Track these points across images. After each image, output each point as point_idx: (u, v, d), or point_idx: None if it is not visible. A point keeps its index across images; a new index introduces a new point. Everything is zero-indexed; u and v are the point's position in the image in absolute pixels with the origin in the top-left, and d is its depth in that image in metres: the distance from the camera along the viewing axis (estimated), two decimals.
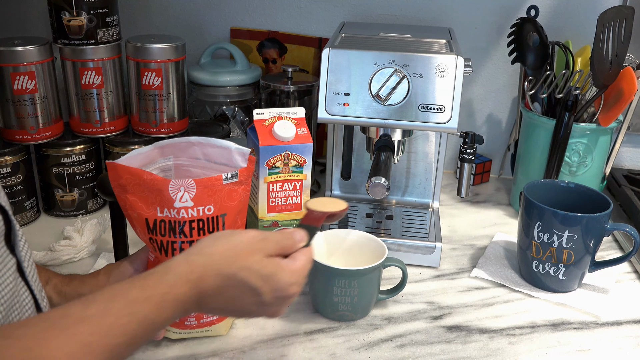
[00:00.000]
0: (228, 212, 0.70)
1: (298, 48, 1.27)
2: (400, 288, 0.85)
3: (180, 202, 0.67)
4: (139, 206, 0.68)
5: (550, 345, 0.79)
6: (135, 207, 0.68)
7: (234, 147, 0.74)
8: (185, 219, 0.68)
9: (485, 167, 1.27)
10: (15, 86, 0.97)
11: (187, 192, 0.67)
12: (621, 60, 1.00)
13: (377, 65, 0.88)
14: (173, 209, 0.67)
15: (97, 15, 1.00)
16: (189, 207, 0.68)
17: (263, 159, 0.86)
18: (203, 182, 0.68)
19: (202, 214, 0.68)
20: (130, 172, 0.67)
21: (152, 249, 0.72)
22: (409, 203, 1.09)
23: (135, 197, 0.68)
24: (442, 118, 0.89)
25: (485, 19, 1.21)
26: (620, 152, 1.27)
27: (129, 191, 0.68)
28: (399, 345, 0.78)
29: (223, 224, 0.70)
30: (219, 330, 0.77)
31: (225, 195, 0.70)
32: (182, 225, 0.68)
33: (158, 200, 0.67)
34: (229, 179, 0.69)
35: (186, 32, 1.26)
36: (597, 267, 0.90)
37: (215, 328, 0.77)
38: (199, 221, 0.69)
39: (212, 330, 0.77)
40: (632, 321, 0.85)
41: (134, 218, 0.70)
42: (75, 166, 1.05)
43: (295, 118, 0.89)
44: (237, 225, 0.73)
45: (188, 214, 0.68)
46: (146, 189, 0.67)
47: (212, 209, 0.69)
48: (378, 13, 1.23)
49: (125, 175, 0.67)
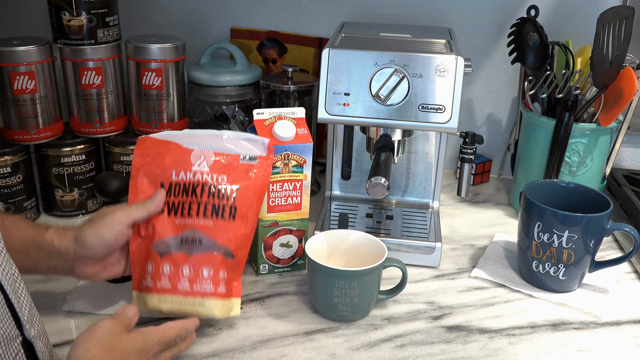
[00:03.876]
0: (242, 188, 0.77)
1: (298, 48, 1.27)
2: (400, 288, 0.85)
3: (197, 167, 0.77)
4: (154, 172, 0.77)
5: (550, 345, 0.79)
6: (151, 172, 0.77)
7: (255, 137, 0.81)
8: (200, 182, 0.76)
9: (485, 167, 1.27)
10: (15, 86, 0.97)
11: (206, 160, 0.77)
12: (621, 60, 1.00)
13: (377, 65, 0.88)
14: (190, 172, 0.76)
15: (97, 15, 1.00)
16: (204, 172, 0.76)
17: None
18: (222, 156, 0.78)
19: (216, 180, 0.76)
20: (158, 143, 0.78)
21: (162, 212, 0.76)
22: (409, 203, 1.09)
23: (151, 168, 0.77)
24: (442, 118, 0.89)
25: (485, 19, 1.21)
26: (620, 152, 1.27)
27: (147, 163, 0.77)
28: (399, 346, 0.78)
29: (234, 197, 0.76)
30: (212, 308, 0.75)
31: (241, 172, 0.77)
32: (196, 186, 0.76)
33: (177, 166, 0.77)
34: (246, 160, 0.78)
35: (186, 32, 1.27)
36: (597, 267, 0.90)
37: (209, 303, 0.75)
38: (211, 186, 0.76)
39: (205, 307, 0.75)
40: (632, 321, 0.85)
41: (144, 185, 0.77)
42: (75, 166, 1.05)
43: (295, 118, 0.89)
44: (251, 210, 0.77)
45: (202, 178, 0.76)
46: (168, 156, 0.77)
47: (225, 178, 0.76)
48: (378, 13, 1.23)
49: (153, 147, 0.78)
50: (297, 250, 0.92)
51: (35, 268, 0.74)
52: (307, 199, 0.90)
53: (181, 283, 0.74)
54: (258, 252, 0.91)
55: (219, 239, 0.75)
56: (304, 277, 0.92)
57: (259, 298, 0.87)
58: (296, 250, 0.92)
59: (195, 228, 0.75)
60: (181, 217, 0.75)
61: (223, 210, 0.75)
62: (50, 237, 0.73)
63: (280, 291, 0.89)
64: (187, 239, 0.75)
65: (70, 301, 0.83)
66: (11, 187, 1.01)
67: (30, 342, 0.58)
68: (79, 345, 0.60)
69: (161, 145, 0.78)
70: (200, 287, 0.74)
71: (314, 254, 0.81)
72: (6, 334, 0.54)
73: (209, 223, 0.75)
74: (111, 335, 0.62)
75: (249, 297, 0.87)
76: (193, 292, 0.74)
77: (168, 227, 0.75)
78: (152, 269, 0.74)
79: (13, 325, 0.56)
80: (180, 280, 0.74)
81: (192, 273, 0.74)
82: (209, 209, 0.75)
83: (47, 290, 0.86)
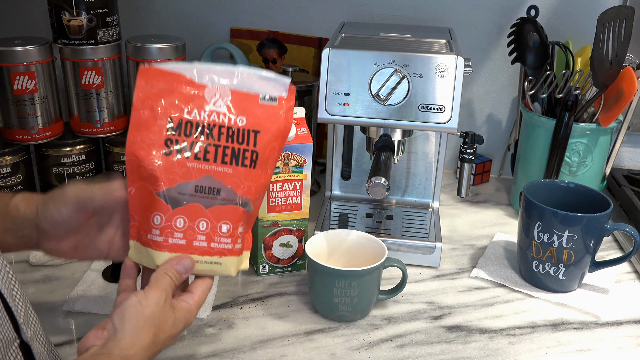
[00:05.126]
0: (263, 130, 0.68)
1: (298, 48, 1.27)
2: (400, 288, 0.85)
3: (213, 106, 0.67)
4: (163, 106, 0.66)
5: (550, 345, 0.79)
6: (157, 105, 0.66)
7: (274, 76, 0.70)
8: (216, 122, 0.67)
9: (485, 167, 1.27)
10: (15, 86, 0.97)
11: (222, 98, 0.67)
12: (621, 60, 1.00)
13: (377, 65, 0.88)
14: (204, 111, 0.66)
15: (97, 15, 1.00)
16: (221, 112, 0.67)
17: None
18: (239, 94, 0.68)
19: (234, 123, 0.67)
20: (164, 75, 0.66)
21: (162, 151, 0.65)
22: (409, 203, 1.09)
23: (158, 101, 0.66)
24: (442, 118, 0.89)
25: (485, 19, 1.21)
26: (620, 152, 1.27)
27: (153, 95, 0.66)
28: (399, 345, 0.78)
29: (255, 142, 0.68)
30: (229, 267, 0.68)
31: (262, 114, 0.68)
32: (212, 127, 0.66)
33: (190, 102, 0.66)
34: (266, 100, 0.68)
35: (186, 32, 1.27)
36: (597, 267, 0.90)
37: (226, 261, 0.68)
38: (229, 129, 0.67)
39: (222, 264, 0.68)
40: (632, 321, 0.85)
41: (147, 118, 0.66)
42: (75, 166, 1.05)
43: (295, 118, 0.89)
44: (272, 157, 0.69)
45: (219, 119, 0.67)
46: (178, 90, 0.66)
47: (245, 120, 0.67)
48: (378, 13, 1.23)
49: (159, 78, 0.66)
50: (297, 250, 0.92)
51: (5, 243, 0.67)
52: (307, 199, 0.90)
53: (197, 240, 0.66)
54: (258, 252, 0.91)
55: (239, 189, 0.66)
56: (304, 277, 0.92)
57: (259, 298, 0.87)
58: (296, 250, 0.92)
59: (213, 175, 0.66)
60: (195, 161, 0.65)
61: (244, 156, 0.67)
62: (15, 203, 0.67)
63: (280, 291, 0.89)
64: (204, 187, 0.65)
65: (70, 301, 0.83)
66: (11, 187, 1.01)
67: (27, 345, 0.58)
68: (126, 324, 0.58)
69: (169, 77, 0.67)
70: (218, 244, 0.66)
71: (314, 254, 0.81)
72: (4, 338, 0.54)
73: (229, 170, 0.66)
74: (159, 315, 0.60)
75: (249, 297, 0.87)
76: (210, 250, 0.66)
77: (179, 172, 0.65)
78: (162, 222, 0.65)
79: (11, 328, 0.55)
80: (197, 237, 0.66)
81: (210, 228, 0.66)
82: (228, 154, 0.66)
83: (47, 290, 0.86)
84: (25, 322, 0.58)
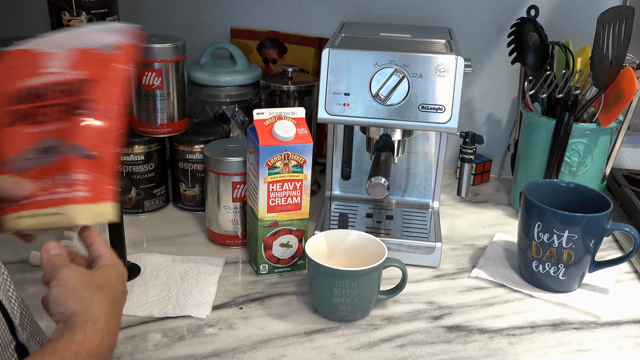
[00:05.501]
0: (100, 79, 0.69)
1: (298, 48, 1.27)
2: (400, 288, 0.85)
3: (47, 69, 0.69)
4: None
5: (550, 345, 0.79)
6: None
7: (113, 25, 0.74)
8: (49, 82, 0.68)
9: (485, 167, 1.27)
10: None
11: (58, 60, 0.69)
12: (621, 60, 1.00)
13: (377, 65, 0.88)
14: (38, 76, 0.68)
15: (97, 15, 1.00)
16: (55, 72, 0.69)
17: (263, 159, 0.86)
18: (77, 52, 0.70)
19: (71, 78, 0.68)
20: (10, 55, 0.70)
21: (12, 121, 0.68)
22: (409, 203, 1.09)
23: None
24: (442, 118, 0.89)
25: (485, 19, 1.21)
26: (620, 152, 1.27)
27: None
28: (399, 345, 0.78)
29: (94, 91, 0.68)
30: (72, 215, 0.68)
31: (98, 63, 0.70)
32: (46, 89, 0.68)
33: (24, 72, 0.69)
34: (102, 49, 0.70)
35: (186, 32, 1.26)
36: (597, 267, 0.90)
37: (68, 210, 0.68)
38: (66, 84, 0.68)
39: (64, 214, 0.67)
40: (632, 321, 0.85)
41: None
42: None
43: (295, 118, 0.89)
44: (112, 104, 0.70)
45: (53, 79, 0.68)
46: (16, 65, 0.69)
47: (83, 74, 0.69)
48: (378, 13, 1.23)
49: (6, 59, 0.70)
50: (297, 250, 0.92)
51: None
52: (307, 199, 0.90)
53: (38, 196, 0.66)
54: (258, 252, 0.91)
55: (75, 140, 0.67)
56: (304, 277, 0.92)
57: (259, 298, 0.87)
58: (296, 250, 0.92)
59: (48, 135, 0.67)
60: (32, 126, 0.67)
61: (78, 107, 0.68)
62: None
63: (280, 291, 0.89)
64: (44, 147, 0.67)
65: None
66: None
67: (24, 346, 0.57)
68: (67, 302, 0.57)
69: (11, 56, 0.70)
70: (54, 194, 0.66)
71: (314, 254, 0.81)
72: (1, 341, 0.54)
73: (63, 126, 0.67)
74: (85, 277, 0.59)
75: (249, 297, 0.87)
76: (47, 202, 0.66)
77: (17, 140, 0.67)
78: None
79: (7, 331, 0.55)
80: (37, 194, 0.66)
81: (51, 182, 0.66)
82: (63, 109, 0.68)
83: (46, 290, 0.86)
84: (21, 323, 0.57)
